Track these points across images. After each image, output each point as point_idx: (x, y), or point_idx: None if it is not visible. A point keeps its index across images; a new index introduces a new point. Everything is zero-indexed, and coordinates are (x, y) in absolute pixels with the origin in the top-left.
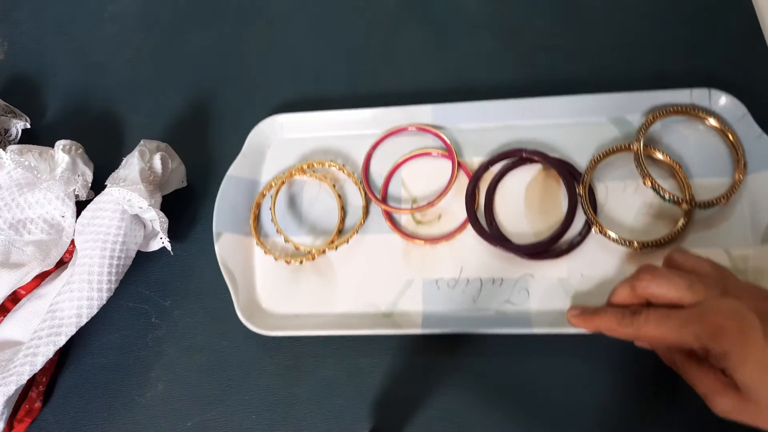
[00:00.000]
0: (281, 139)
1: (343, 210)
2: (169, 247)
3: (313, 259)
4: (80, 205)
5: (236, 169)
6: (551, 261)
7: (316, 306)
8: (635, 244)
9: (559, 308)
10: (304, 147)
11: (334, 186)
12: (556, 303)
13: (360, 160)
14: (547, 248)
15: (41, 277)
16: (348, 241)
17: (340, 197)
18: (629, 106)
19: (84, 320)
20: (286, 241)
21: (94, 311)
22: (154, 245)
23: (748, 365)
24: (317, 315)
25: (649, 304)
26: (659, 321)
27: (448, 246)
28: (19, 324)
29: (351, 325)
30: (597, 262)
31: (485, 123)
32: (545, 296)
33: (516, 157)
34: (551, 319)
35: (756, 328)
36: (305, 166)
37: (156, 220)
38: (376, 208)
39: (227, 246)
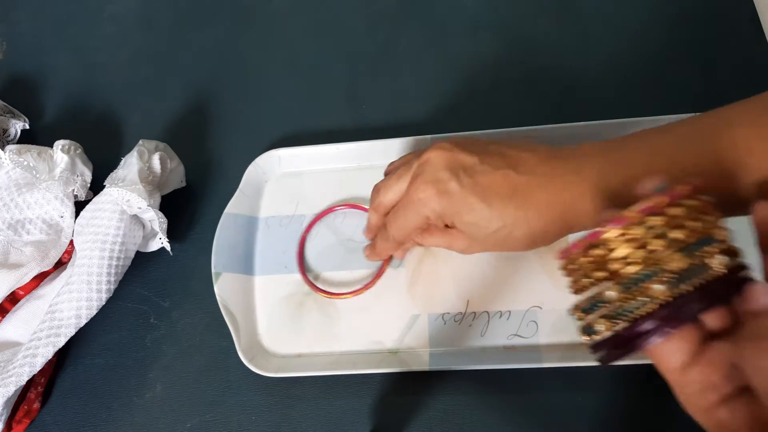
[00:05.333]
0: (279, 174)
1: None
2: (168, 247)
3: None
4: (79, 206)
5: (234, 207)
6: (560, 292)
7: (320, 344)
8: None
9: (568, 340)
10: (303, 181)
11: None
12: (566, 335)
13: (361, 193)
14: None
15: (40, 278)
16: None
17: None
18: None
19: (83, 321)
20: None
21: (94, 312)
22: (154, 245)
23: (462, 215)
24: (321, 354)
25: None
26: (397, 218)
27: (453, 279)
28: (17, 325)
29: (356, 363)
30: None
31: None
32: (554, 328)
33: None
34: (561, 351)
35: (449, 181)
36: None
37: (155, 220)
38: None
39: (227, 286)
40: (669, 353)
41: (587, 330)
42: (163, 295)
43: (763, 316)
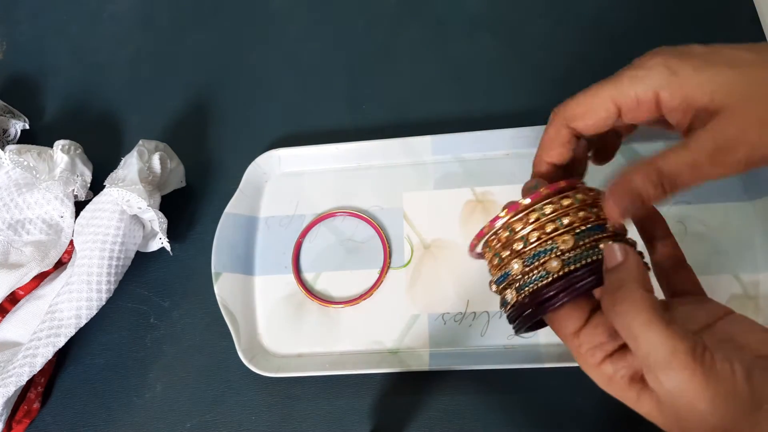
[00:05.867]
0: (279, 174)
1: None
2: (168, 247)
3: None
4: (79, 206)
5: (234, 207)
6: None
7: (320, 344)
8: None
9: None
10: (303, 181)
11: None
12: None
13: (360, 193)
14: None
15: (40, 278)
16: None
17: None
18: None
19: (83, 321)
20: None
21: (94, 312)
22: (154, 245)
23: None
24: (321, 354)
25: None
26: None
27: (453, 279)
28: (17, 325)
29: (356, 363)
30: None
31: (486, 152)
32: None
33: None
34: (561, 351)
35: (674, 56)
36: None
37: (155, 220)
38: (377, 246)
39: (227, 286)
40: (564, 320)
41: (503, 302)
42: (163, 295)
43: (613, 271)
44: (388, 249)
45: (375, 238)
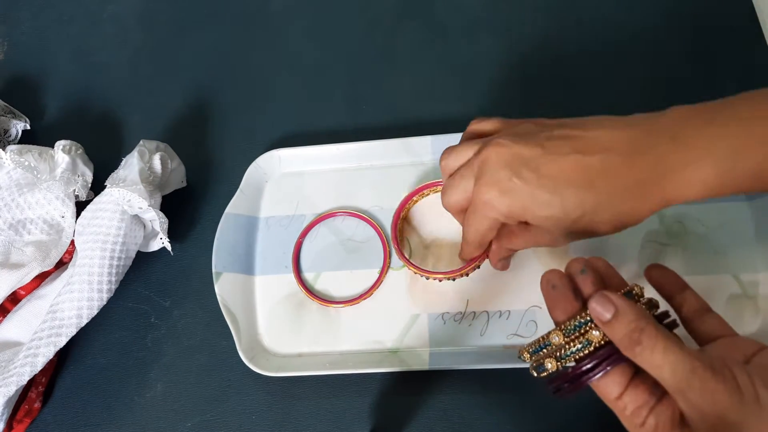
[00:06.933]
0: (280, 174)
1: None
2: (169, 247)
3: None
4: (80, 206)
5: (234, 207)
6: None
7: (321, 344)
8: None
9: None
10: (303, 181)
11: None
12: None
13: (360, 193)
14: None
15: (41, 278)
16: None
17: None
18: None
19: (84, 321)
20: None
21: (95, 312)
22: (154, 245)
23: (534, 210)
24: (322, 353)
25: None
26: (468, 223)
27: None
28: (19, 325)
29: (356, 362)
30: None
31: None
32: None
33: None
34: None
35: (510, 179)
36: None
37: (156, 220)
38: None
39: (227, 286)
40: (607, 386)
41: (538, 368)
42: (164, 294)
43: (615, 321)
44: (388, 249)
45: (375, 238)
